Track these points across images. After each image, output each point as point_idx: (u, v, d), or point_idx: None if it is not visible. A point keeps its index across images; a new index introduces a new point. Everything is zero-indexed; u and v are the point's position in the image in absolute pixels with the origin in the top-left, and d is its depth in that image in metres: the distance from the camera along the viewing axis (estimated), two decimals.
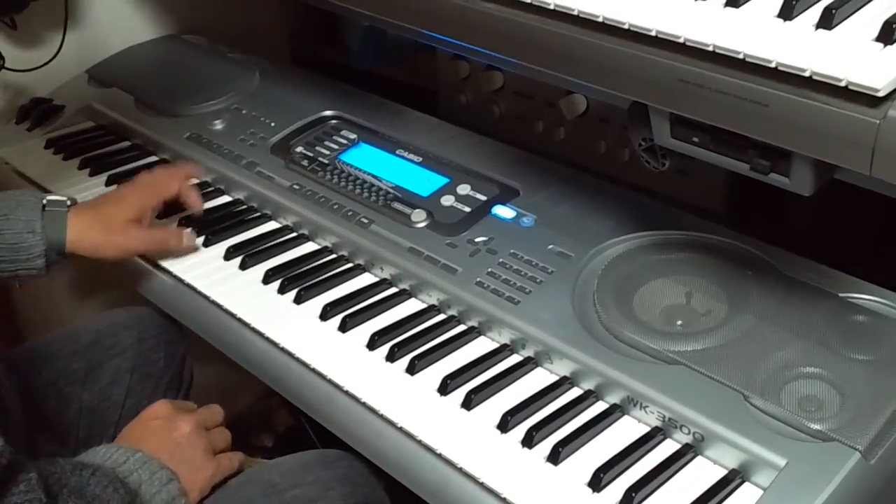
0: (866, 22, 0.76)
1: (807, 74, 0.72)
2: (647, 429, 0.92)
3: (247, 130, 1.41)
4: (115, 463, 0.91)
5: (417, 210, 1.19)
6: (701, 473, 0.87)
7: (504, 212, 1.17)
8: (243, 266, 1.19)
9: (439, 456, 0.91)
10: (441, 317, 1.09)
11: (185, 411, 1.04)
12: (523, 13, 0.90)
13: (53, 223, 1.12)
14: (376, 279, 1.16)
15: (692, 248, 1.07)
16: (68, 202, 1.15)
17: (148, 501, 0.90)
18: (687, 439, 0.90)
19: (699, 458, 0.89)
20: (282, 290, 1.14)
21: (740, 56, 0.75)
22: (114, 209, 1.17)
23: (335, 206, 1.23)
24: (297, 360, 1.05)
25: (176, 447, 0.98)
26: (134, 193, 1.20)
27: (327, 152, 1.34)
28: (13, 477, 0.73)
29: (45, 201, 1.13)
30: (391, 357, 1.02)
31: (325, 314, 1.09)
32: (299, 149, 1.36)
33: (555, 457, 0.89)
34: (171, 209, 1.26)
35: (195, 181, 1.30)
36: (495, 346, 1.04)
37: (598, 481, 0.86)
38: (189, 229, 1.23)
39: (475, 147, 1.31)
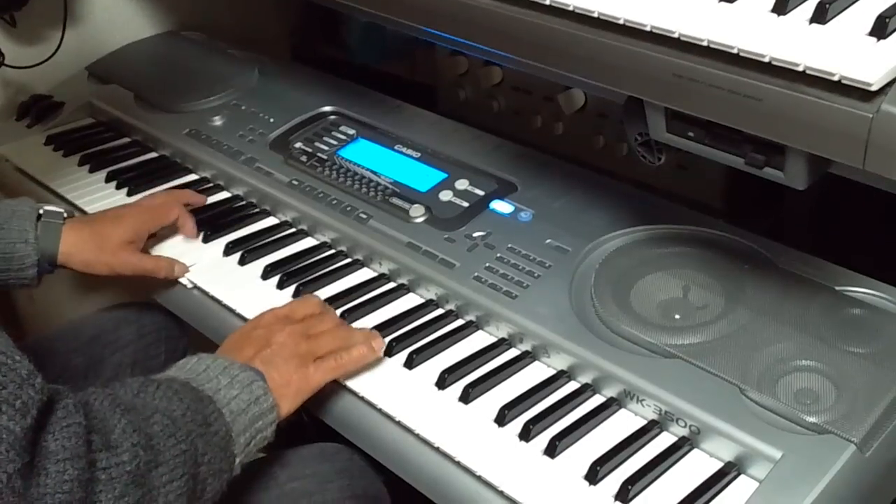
0: (860, 16, 0.76)
1: (800, 69, 0.72)
2: (644, 422, 0.92)
3: (246, 126, 1.42)
4: (193, 372, 0.90)
5: (416, 205, 1.19)
6: (697, 466, 0.88)
7: (502, 206, 1.17)
8: (242, 262, 1.19)
9: (437, 449, 0.92)
10: (439, 311, 1.09)
11: (287, 321, 1.00)
12: (520, 9, 0.90)
13: (47, 234, 1.12)
14: (375, 274, 1.16)
15: (689, 243, 1.07)
16: (65, 214, 1.15)
17: (226, 405, 0.87)
18: (683, 432, 0.90)
19: (695, 450, 0.89)
20: (281, 286, 1.14)
21: (734, 51, 0.76)
22: (109, 229, 1.16)
23: (334, 202, 1.23)
24: None
25: (270, 353, 0.95)
26: (132, 216, 1.20)
27: (326, 148, 1.34)
28: (51, 406, 0.71)
29: (41, 211, 1.13)
30: (389, 351, 1.03)
31: None
32: (298, 144, 1.36)
33: (552, 450, 0.89)
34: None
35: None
36: (493, 340, 1.04)
37: (594, 474, 0.86)
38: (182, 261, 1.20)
39: (473, 142, 1.32)
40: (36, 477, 0.68)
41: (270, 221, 1.28)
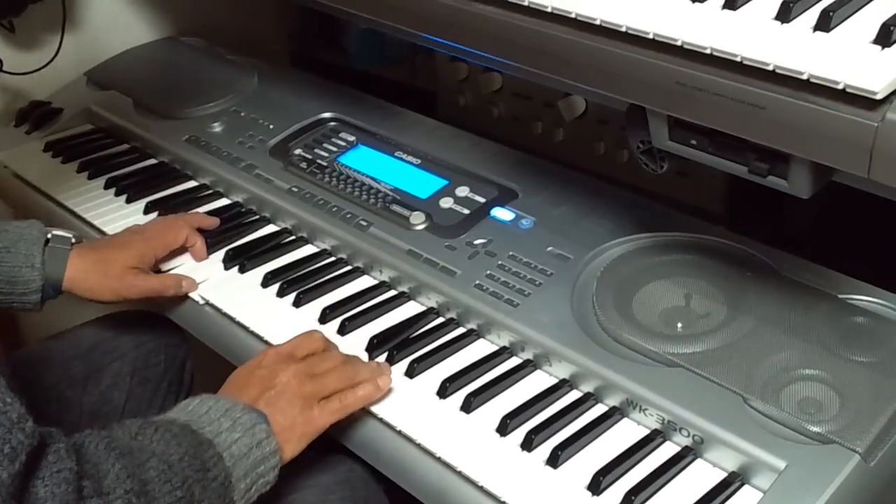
0: (864, 24, 0.75)
1: (804, 77, 0.72)
2: (647, 431, 0.92)
3: (245, 133, 1.41)
4: (194, 414, 0.88)
5: (416, 212, 1.18)
6: (700, 476, 0.87)
7: (503, 214, 1.17)
8: (242, 269, 1.19)
9: (439, 459, 0.91)
10: (440, 319, 1.08)
11: (291, 360, 0.98)
12: (521, 16, 0.90)
13: (54, 260, 1.11)
14: (375, 282, 1.16)
15: (691, 250, 1.06)
16: (73, 240, 1.14)
17: (227, 448, 0.85)
18: (686, 442, 0.89)
19: (699, 460, 0.89)
20: (281, 294, 1.14)
21: (738, 59, 0.75)
22: (116, 254, 1.15)
23: (334, 209, 1.23)
24: None
25: (274, 395, 0.93)
26: (139, 242, 1.18)
27: (326, 154, 1.34)
28: (42, 450, 0.70)
29: (49, 235, 1.12)
30: (390, 360, 1.02)
31: (325, 317, 1.09)
32: (298, 151, 1.36)
33: (554, 460, 0.89)
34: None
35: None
36: (494, 348, 1.04)
37: (597, 484, 0.86)
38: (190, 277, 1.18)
39: (474, 149, 1.31)
40: None
41: (270, 229, 1.28)
